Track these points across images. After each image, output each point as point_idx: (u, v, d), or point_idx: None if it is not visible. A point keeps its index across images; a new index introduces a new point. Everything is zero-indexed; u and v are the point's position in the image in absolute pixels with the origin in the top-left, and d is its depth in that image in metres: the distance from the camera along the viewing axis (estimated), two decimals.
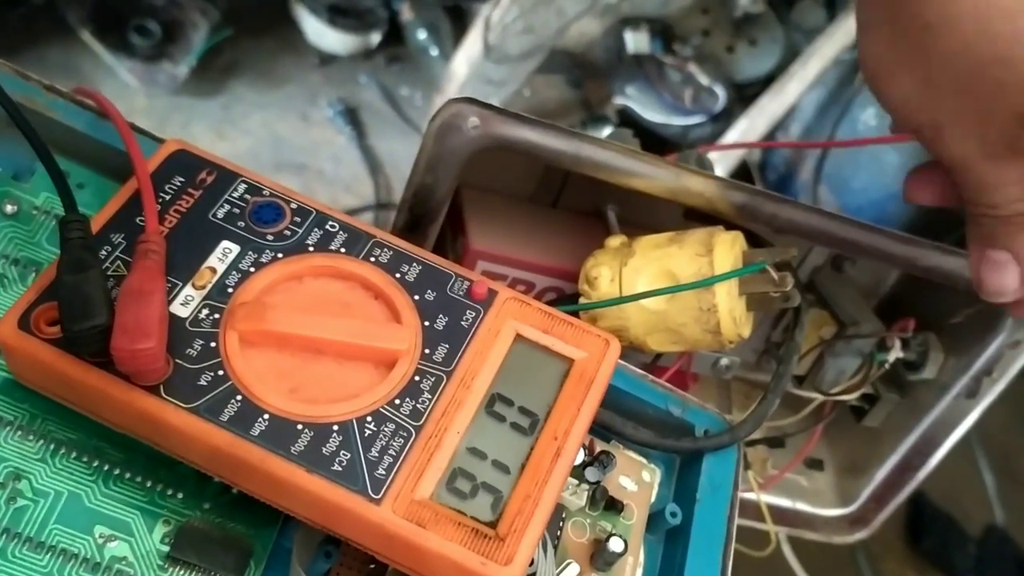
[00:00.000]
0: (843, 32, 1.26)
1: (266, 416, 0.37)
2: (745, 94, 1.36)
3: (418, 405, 0.39)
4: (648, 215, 0.58)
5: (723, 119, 1.36)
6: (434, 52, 1.48)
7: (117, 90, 1.35)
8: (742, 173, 1.24)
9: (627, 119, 1.33)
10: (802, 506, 0.72)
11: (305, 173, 1.41)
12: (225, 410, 0.37)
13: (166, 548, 0.39)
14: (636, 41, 1.36)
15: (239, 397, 0.37)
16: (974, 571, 1.34)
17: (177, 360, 0.37)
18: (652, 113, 1.35)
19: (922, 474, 0.69)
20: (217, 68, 1.43)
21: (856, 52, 0.43)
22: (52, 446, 0.39)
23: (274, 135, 1.43)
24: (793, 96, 1.27)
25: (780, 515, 0.71)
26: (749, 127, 1.27)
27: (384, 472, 0.36)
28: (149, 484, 0.40)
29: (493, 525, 0.36)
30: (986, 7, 0.37)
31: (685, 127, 1.35)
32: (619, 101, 1.35)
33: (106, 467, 0.40)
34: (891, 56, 0.40)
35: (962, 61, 0.38)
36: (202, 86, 1.41)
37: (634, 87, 1.35)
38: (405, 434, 0.38)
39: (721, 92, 1.35)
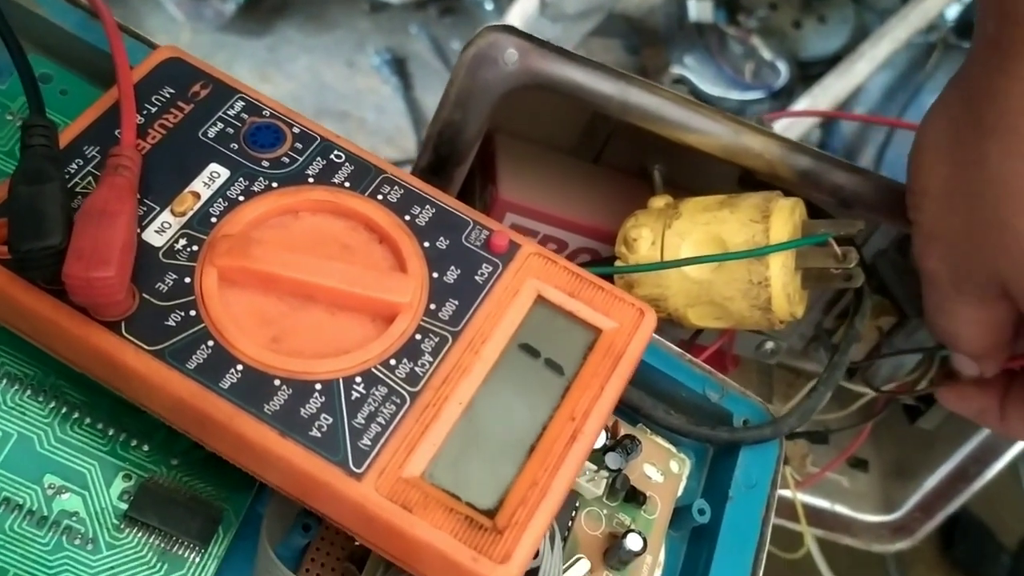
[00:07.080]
0: (917, 13, 1.21)
1: (240, 367, 0.32)
2: (808, 73, 1.32)
3: (416, 368, 0.33)
4: (698, 179, 0.52)
5: (783, 97, 1.33)
6: (489, 6, 1.43)
7: (163, 23, 1.32)
8: None
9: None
10: (841, 508, 0.67)
11: (347, 121, 1.37)
12: (193, 356, 0.32)
13: (124, 506, 0.35)
14: (699, 9, 1.33)
15: (211, 343, 0.32)
16: None
17: (144, 295, 0.32)
18: (709, 85, 1.32)
19: (977, 485, 0.63)
20: (265, 7, 1.40)
21: (930, 36, 0.43)
22: (4, 382, 0.35)
23: (318, 80, 1.39)
24: (860, 77, 1.23)
25: (816, 516, 0.66)
26: (811, 105, 1.23)
27: (369, 443, 0.31)
28: (112, 432, 0.36)
29: (491, 514, 0.31)
30: (1012, 216, 0.38)
31: (743, 102, 1.32)
32: (676, 70, 1.32)
33: (64, 409, 0.35)
34: (931, 154, 0.42)
35: (967, 222, 0.40)
36: (249, 25, 1.38)
37: (693, 57, 1.32)
38: (398, 400, 0.32)
39: (784, 68, 1.31)
